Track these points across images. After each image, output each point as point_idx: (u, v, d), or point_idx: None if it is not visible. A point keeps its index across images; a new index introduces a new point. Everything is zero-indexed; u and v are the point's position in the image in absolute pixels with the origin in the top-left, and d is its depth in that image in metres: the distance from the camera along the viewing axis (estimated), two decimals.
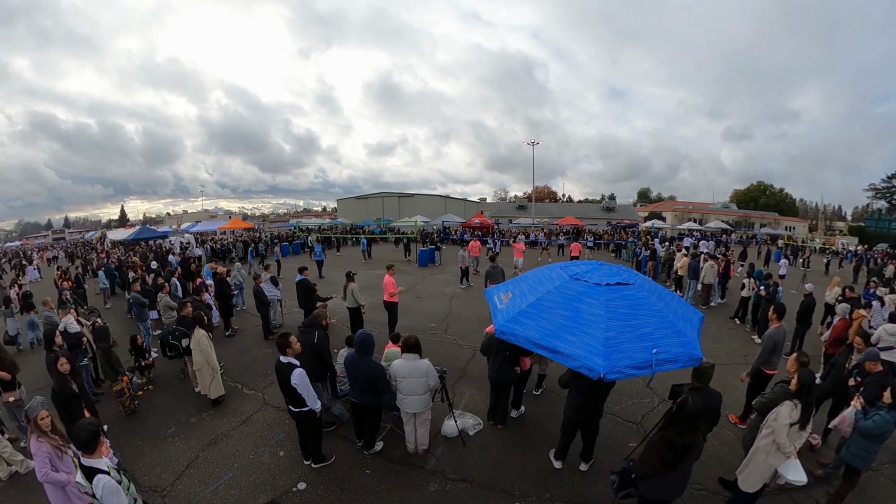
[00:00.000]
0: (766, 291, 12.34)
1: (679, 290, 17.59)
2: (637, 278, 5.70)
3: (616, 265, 6.14)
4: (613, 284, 5.25)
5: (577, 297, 5.20)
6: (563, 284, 5.50)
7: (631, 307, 4.95)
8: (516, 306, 5.58)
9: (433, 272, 23.49)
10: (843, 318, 9.28)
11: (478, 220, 43.14)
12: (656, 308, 5.01)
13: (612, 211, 64.31)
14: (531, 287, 5.93)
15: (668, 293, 5.83)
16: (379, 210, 69.06)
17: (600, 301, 4.97)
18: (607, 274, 5.62)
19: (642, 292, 5.24)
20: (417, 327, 12.84)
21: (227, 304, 12.86)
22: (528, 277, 6.46)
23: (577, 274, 5.66)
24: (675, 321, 4.94)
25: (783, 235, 46.62)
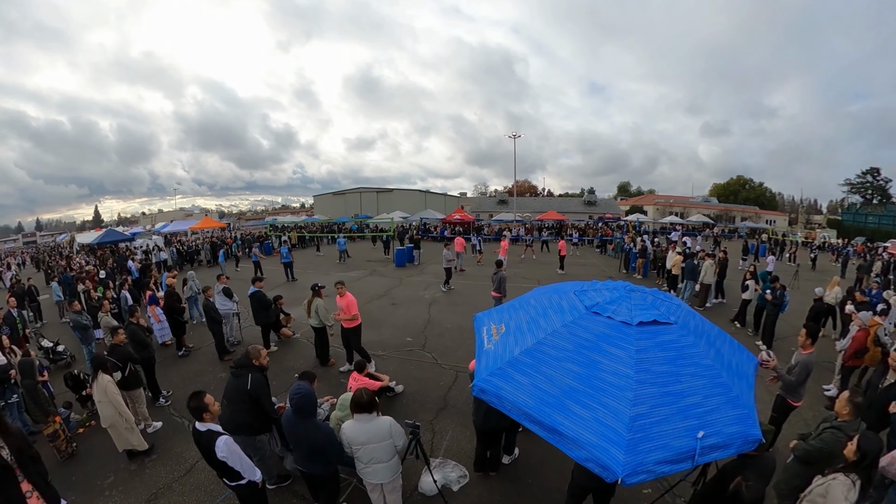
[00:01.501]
0: (773, 296, 11.33)
1: (672, 290, 16.79)
2: (679, 311, 4.23)
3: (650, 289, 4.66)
4: (649, 323, 3.78)
5: (595, 342, 3.74)
6: (577, 320, 3.99)
7: (672, 362, 3.55)
8: (507, 351, 4.12)
9: (412, 273, 22.11)
10: (863, 329, 8.53)
11: (458, 216, 41.84)
12: (706, 362, 3.62)
13: (593, 205, 63.69)
14: (532, 320, 4.45)
15: (717, 332, 4.43)
16: (357, 206, 67.33)
17: (629, 351, 3.54)
18: (639, 305, 4.10)
19: (688, 336, 3.78)
20: (391, 342, 11.54)
21: (179, 319, 11.30)
22: (530, 303, 4.93)
23: (597, 305, 4.12)
24: (730, 381, 3.61)
25: (768, 229, 46.50)
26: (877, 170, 71.83)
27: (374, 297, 16.66)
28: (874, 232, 54.01)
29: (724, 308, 15.21)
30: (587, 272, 22.55)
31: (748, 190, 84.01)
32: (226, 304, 11.24)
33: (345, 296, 9.44)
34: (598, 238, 35.03)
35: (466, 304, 15.35)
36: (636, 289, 4.46)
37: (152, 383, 8.64)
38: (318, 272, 22.72)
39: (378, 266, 24.38)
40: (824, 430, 4.58)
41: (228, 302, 11.33)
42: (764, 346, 11.33)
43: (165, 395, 8.74)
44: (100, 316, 10.01)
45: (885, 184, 70.59)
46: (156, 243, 29.02)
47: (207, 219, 50.21)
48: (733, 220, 63.64)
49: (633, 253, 22.37)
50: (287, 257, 21.16)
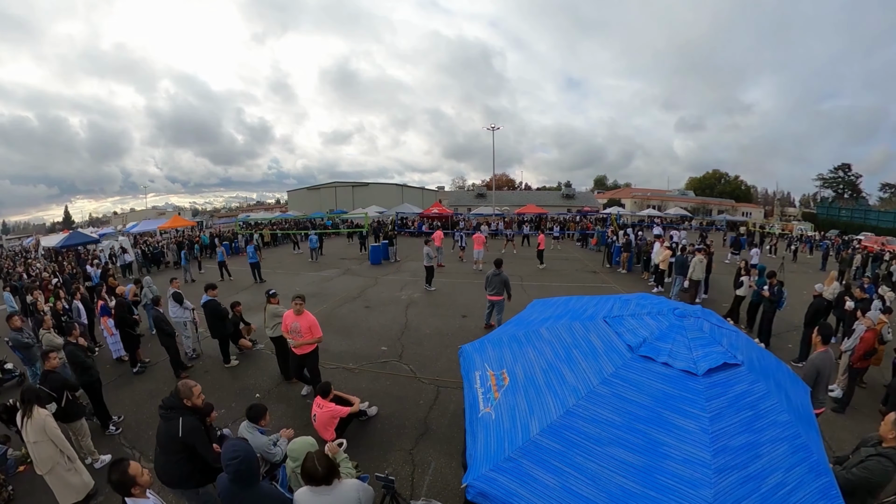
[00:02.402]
0: (771, 292, 10.77)
1: (660, 286, 16.37)
2: (736, 339, 3.28)
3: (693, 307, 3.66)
4: (717, 369, 2.81)
5: (653, 409, 2.68)
6: (622, 371, 2.89)
7: (750, 426, 2.63)
8: (519, 424, 2.91)
9: (387, 272, 21.00)
10: (872, 329, 8.06)
11: (436, 210, 40.97)
12: (784, 418, 2.74)
13: (571, 198, 63.20)
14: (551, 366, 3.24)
15: (775, 362, 3.57)
16: (332, 201, 65.92)
17: (702, 421, 2.56)
18: (698, 339, 3.06)
19: (759, 382, 2.87)
20: (364, 351, 10.49)
21: (131, 333, 9.84)
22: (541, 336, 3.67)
23: (645, 343, 3.04)
24: (807, 437, 2.77)
25: (747, 222, 47.22)
26: (848, 165, 73.89)
27: (346, 299, 15.64)
28: (846, 225, 55.13)
29: (712, 304, 14.53)
30: (569, 267, 21.95)
31: (724, 184, 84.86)
32: (178, 313, 10.22)
33: (304, 315, 7.73)
34: (578, 232, 34.31)
35: (447, 304, 14.47)
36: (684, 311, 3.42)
37: (100, 409, 7.47)
38: (288, 272, 21.70)
39: (352, 264, 23.30)
40: (868, 457, 3.99)
41: (179, 309, 10.26)
42: (761, 343, 10.76)
43: (116, 422, 7.52)
44: (41, 332, 8.54)
45: (856, 179, 73.16)
46: (121, 245, 27.22)
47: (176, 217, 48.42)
48: (710, 213, 64.76)
49: (616, 247, 21.74)
50: (253, 257, 19.65)
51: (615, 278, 19.06)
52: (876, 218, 57.19)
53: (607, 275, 19.85)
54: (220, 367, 9.73)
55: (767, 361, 3.36)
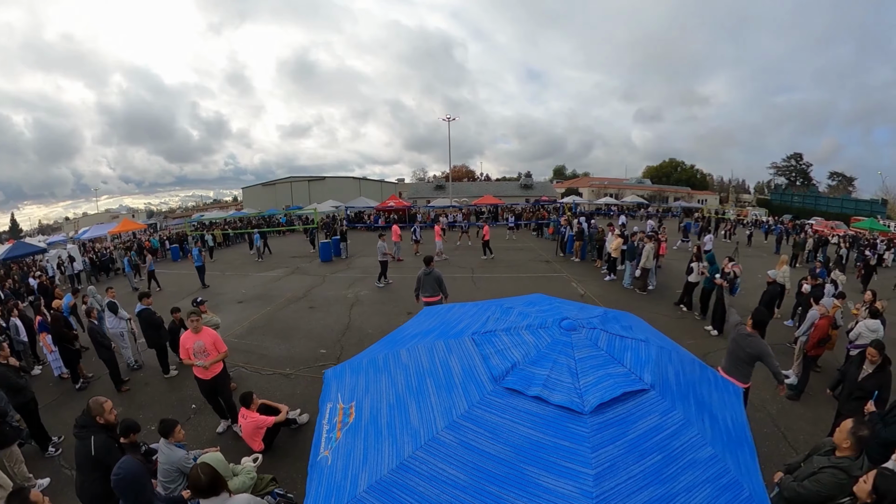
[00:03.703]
0: (726, 280, 10.53)
1: (612, 273, 16.27)
2: (646, 351, 2.61)
3: (598, 309, 3.22)
4: (615, 402, 2.17)
5: (516, 467, 2.01)
6: (476, 411, 2.22)
7: (658, 475, 2.01)
8: (349, 474, 2.30)
9: (337, 269, 20.27)
10: (826, 316, 8.03)
11: (393, 203, 40.12)
12: (706, 453, 2.16)
13: (529, 188, 63.36)
14: (400, 399, 2.59)
15: (697, 368, 2.97)
16: (288, 197, 64.38)
17: (583, 475, 1.93)
18: (590, 358, 2.45)
19: (674, 410, 2.26)
20: (302, 355, 9.94)
21: (70, 348, 9.24)
22: (400, 358, 2.98)
23: (514, 369, 2.38)
24: (737, 468, 2.24)
25: (701, 209, 48.47)
26: (800, 155, 78.52)
27: (291, 299, 14.96)
28: (799, 210, 57.55)
29: (665, 291, 14.58)
30: (522, 257, 21.66)
31: (680, 172, 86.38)
32: (114, 323, 9.66)
33: (203, 331, 6.83)
34: (534, 221, 34.16)
35: (393, 302, 13.87)
36: (574, 321, 2.73)
37: (38, 431, 6.94)
38: (236, 274, 20.71)
39: (302, 262, 22.48)
40: (822, 469, 3.67)
41: (115, 319, 9.68)
42: (715, 331, 10.66)
43: (56, 443, 7.01)
44: None
45: (807, 168, 77.99)
46: (69, 253, 25.46)
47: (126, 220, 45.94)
48: (666, 200, 66.11)
49: (570, 236, 21.53)
50: (198, 260, 18.45)
51: (568, 267, 18.91)
52: (826, 204, 60.40)
53: (560, 264, 19.68)
54: (160, 377, 9.33)
55: (688, 372, 2.76)
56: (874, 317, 7.92)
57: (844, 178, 74.97)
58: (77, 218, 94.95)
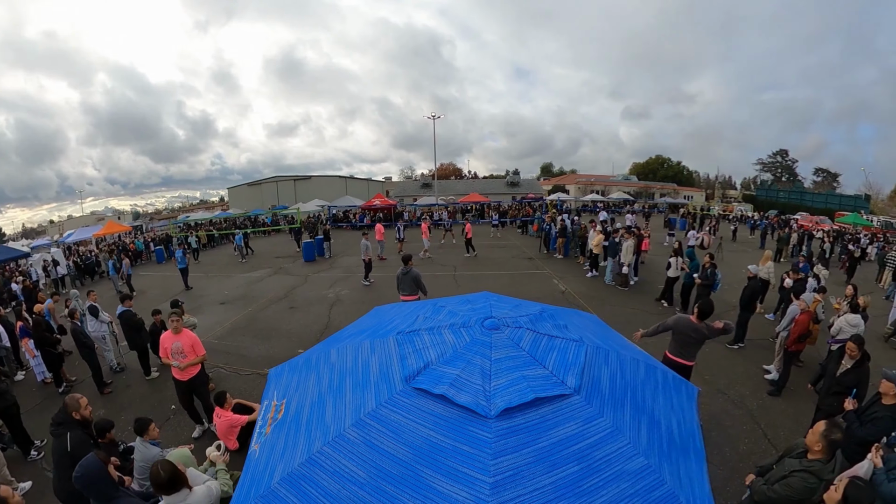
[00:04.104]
0: (703, 276, 10.52)
1: (594, 269, 16.25)
2: (578, 351, 2.51)
3: (535, 305, 3.29)
4: (527, 406, 2.07)
5: (410, 467, 1.97)
6: (383, 407, 2.23)
7: (575, 485, 1.88)
8: (267, 468, 2.33)
9: (320, 269, 20.09)
10: (806, 311, 7.92)
11: (378, 201, 39.80)
12: (636, 464, 2.03)
13: (516, 186, 63.24)
14: (321, 397, 2.62)
15: (643, 368, 2.83)
16: (273, 196, 63.77)
17: (479, 483, 1.84)
18: (504, 353, 2.39)
19: (600, 417, 2.15)
20: (280, 355, 9.59)
21: (52, 351, 9.23)
22: (331, 355, 3.03)
23: (427, 369, 2.35)
24: (675, 481, 2.08)
25: (687, 205, 49.08)
26: (785, 151, 79.76)
27: (273, 300, 14.82)
28: (784, 206, 57.92)
29: (648, 286, 14.54)
30: (505, 255, 21.60)
31: (666, 168, 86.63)
32: (95, 326, 9.58)
33: (183, 333, 6.89)
34: (518, 219, 34.07)
35: (373, 301, 13.55)
36: (499, 321, 2.67)
37: (20, 435, 6.99)
38: (220, 275, 20.51)
39: (286, 262, 22.31)
40: (792, 472, 3.57)
41: (96, 322, 9.60)
42: None
43: (38, 446, 7.06)
44: None
45: (793, 164, 79.06)
46: (53, 257, 24.92)
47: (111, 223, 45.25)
48: (653, 197, 66.04)
49: (553, 233, 21.44)
50: (182, 262, 18.18)
51: (550, 264, 18.87)
52: (811, 199, 61.70)
53: (543, 261, 19.66)
54: (142, 379, 9.35)
55: (629, 374, 2.64)
56: (855, 311, 7.87)
57: (829, 173, 76.01)
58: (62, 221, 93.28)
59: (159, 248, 27.76)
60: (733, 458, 6.09)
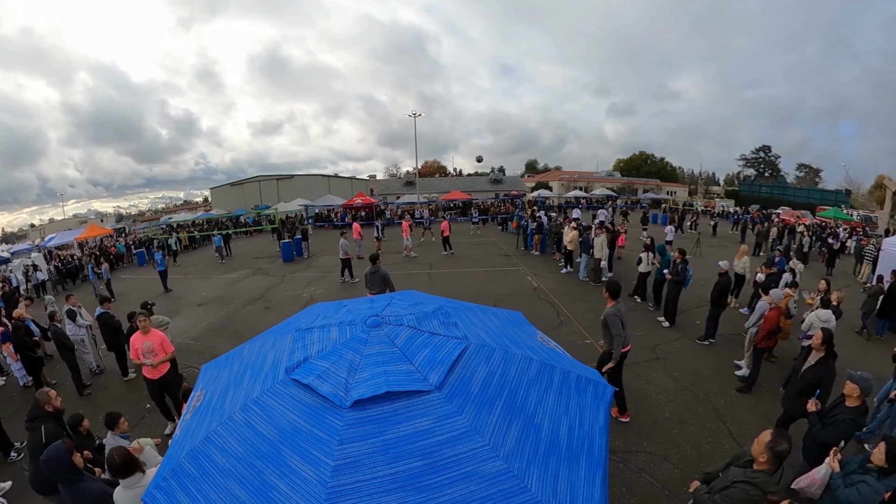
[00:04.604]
0: (674, 272, 10.45)
1: (569, 266, 16.25)
2: (452, 350, 2.51)
3: (435, 300, 3.43)
4: (381, 399, 2.16)
5: (275, 445, 2.18)
6: (265, 395, 2.44)
7: (414, 480, 1.94)
8: (181, 447, 2.55)
9: (298, 268, 19.99)
10: (776, 307, 7.73)
11: (360, 200, 39.49)
12: (491, 467, 1.99)
13: (499, 183, 63.25)
14: (228, 385, 2.86)
15: (530, 369, 2.72)
16: (256, 196, 63.18)
17: (324, 465, 1.99)
18: (377, 349, 2.49)
19: (459, 415, 2.16)
20: None
21: (32, 355, 9.31)
22: (244, 350, 3.33)
23: (307, 362, 2.53)
24: (542, 488, 2.00)
25: (668, 200, 49.35)
26: (768, 147, 79.83)
27: (249, 300, 14.75)
28: (766, 201, 58.63)
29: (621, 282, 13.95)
30: (483, 252, 21.63)
31: (650, 164, 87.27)
32: (73, 330, 9.66)
33: (151, 332, 7.08)
34: (498, 216, 34.19)
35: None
36: (381, 319, 2.76)
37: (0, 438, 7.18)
38: (199, 276, 20.35)
39: (265, 263, 22.17)
40: (734, 483, 3.39)
41: (74, 326, 9.69)
42: (667, 322, 10.64)
43: (18, 448, 7.21)
44: None
45: (776, 159, 79.36)
46: (34, 261, 24.38)
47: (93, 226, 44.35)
48: (636, 193, 66.60)
49: (530, 229, 21.47)
50: (161, 265, 18.00)
51: (527, 261, 18.91)
52: (793, 194, 62.68)
53: (519, 258, 19.68)
54: (120, 381, 9.47)
55: (512, 374, 2.59)
56: (826, 307, 7.82)
57: (811, 169, 76.67)
58: (43, 224, 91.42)
59: (140, 250, 27.37)
60: (693, 458, 5.99)
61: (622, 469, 5.77)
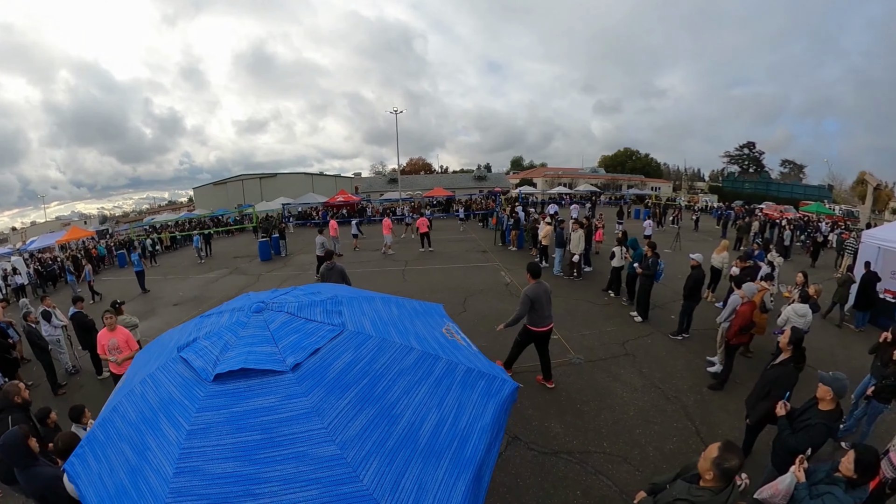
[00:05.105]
0: (644, 266, 10.26)
1: (544, 262, 16.06)
2: (319, 336, 2.62)
3: (324, 288, 3.64)
4: (239, 375, 2.32)
5: (155, 411, 2.44)
6: (158, 371, 2.71)
7: (251, 452, 2.06)
8: (102, 413, 2.90)
9: (274, 267, 19.74)
10: (748, 302, 7.44)
11: (341, 198, 39.07)
12: (324, 451, 2.04)
13: (483, 180, 63.55)
14: (147, 360, 3.22)
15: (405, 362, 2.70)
16: (239, 195, 62.35)
17: (182, 429, 2.21)
18: (252, 331, 2.64)
19: (306, 394, 2.25)
20: None
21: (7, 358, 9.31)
22: (171, 332, 3.58)
23: (193, 341, 2.75)
24: (379, 484, 1.99)
25: (650, 195, 50.05)
26: (752, 143, 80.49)
27: (222, 300, 14.11)
28: (750, 196, 59.24)
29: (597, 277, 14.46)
30: (460, 248, 21.47)
31: (634, 161, 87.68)
32: (49, 330, 9.74)
33: (117, 329, 7.32)
34: (478, 212, 34.18)
35: None
36: (264, 304, 2.94)
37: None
38: (177, 277, 20.00)
39: (243, 262, 21.91)
40: (676, 501, 3.08)
41: (49, 327, 9.76)
42: (639, 317, 10.46)
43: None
44: None
45: (760, 155, 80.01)
46: (13, 265, 23.76)
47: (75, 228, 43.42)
48: (620, 189, 66.94)
49: (507, 225, 21.46)
50: (138, 265, 17.85)
51: (504, 256, 18.78)
52: (776, 189, 63.35)
53: (497, 254, 19.52)
54: (94, 380, 9.42)
55: (385, 362, 2.61)
56: (805, 301, 7.61)
57: (795, 165, 77.69)
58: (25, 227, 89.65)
59: (121, 252, 26.88)
60: (656, 459, 5.67)
61: (578, 470, 5.49)
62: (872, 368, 6.30)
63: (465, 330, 9.56)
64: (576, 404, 6.94)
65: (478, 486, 2.24)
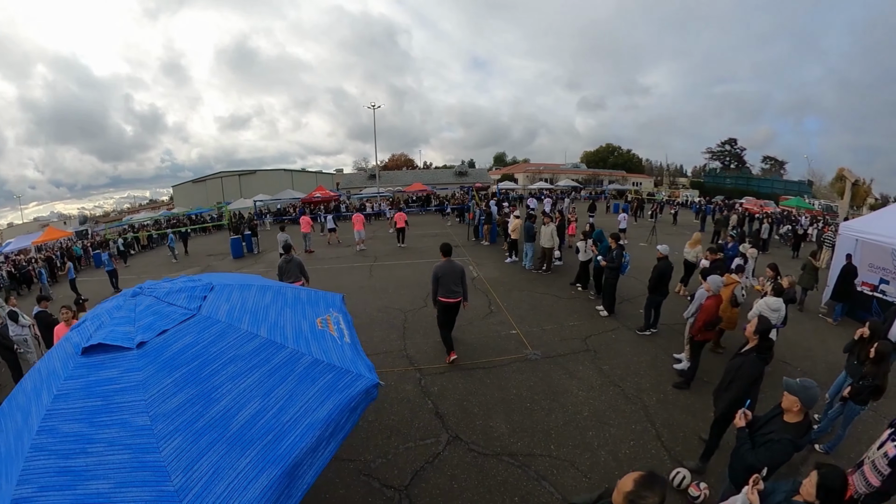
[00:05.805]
0: (609, 259, 9.87)
1: (514, 255, 15.96)
2: (168, 317, 2.92)
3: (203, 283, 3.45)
4: (98, 349, 2.63)
5: (40, 381, 2.75)
6: (55, 349, 3.11)
7: (92, 416, 2.35)
8: None
9: (245, 265, 19.31)
10: (714, 296, 6.99)
11: (319, 194, 38.33)
12: (140, 421, 2.28)
13: (464, 175, 63.30)
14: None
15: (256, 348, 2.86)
16: (219, 193, 61.60)
17: (51, 394, 2.48)
18: (123, 313, 2.94)
19: (141, 370, 2.53)
20: None
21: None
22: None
23: (82, 322, 3.13)
24: (174, 462, 2.16)
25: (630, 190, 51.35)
26: (734, 140, 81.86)
27: None
28: (731, 191, 60.25)
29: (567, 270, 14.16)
30: (433, 243, 20.81)
31: (616, 156, 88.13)
32: (16, 330, 9.64)
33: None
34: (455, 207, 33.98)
35: None
36: (142, 290, 3.23)
37: None
38: (151, 276, 18.90)
39: (215, 260, 21.56)
40: None
41: (17, 327, 9.64)
42: (605, 312, 10.12)
43: None
44: None
45: (741, 151, 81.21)
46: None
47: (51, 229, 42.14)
48: (601, 184, 66.95)
49: (479, 220, 21.22)
50: (109, 265, 17.58)
51: (475, 251, 18.54)
52: (757, 184, 64.89)
53: (469, 248, 19.29)
54: None
55: (222, 349, 2.73)
56: (778, 294, 7.32)
57: (776, 161, 78.29)
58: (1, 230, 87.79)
59: (98, 252, 26.10)
60: (608, 464, 5.27)
61: (519, 475, 5.09)
62: (848, 367, 5.86)
63: (426, 325, 9.04)
64: (526, 403, 6.54)
65: (289, 484, 2.29)
